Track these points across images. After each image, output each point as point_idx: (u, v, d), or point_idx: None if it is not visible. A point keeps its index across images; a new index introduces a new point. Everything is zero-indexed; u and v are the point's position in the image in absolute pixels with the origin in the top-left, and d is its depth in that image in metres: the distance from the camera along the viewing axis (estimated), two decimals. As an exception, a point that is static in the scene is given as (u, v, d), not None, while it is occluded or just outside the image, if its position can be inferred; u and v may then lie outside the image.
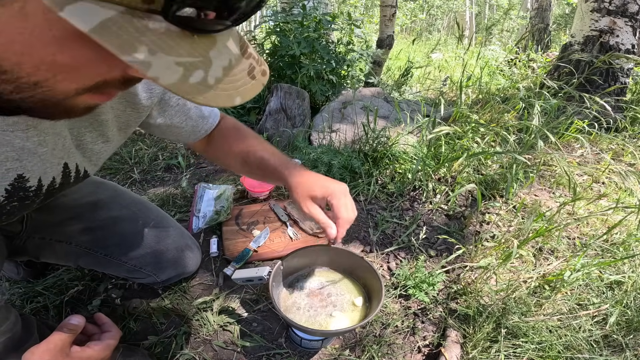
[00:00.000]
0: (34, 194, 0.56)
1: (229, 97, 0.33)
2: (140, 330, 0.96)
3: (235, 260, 1.14)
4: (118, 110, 0.63)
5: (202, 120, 0.80)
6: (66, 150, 0.58)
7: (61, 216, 0.87)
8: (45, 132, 0.51)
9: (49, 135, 0.52)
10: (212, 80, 0.31)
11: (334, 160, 1.57)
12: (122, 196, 0.96)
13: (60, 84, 0.33)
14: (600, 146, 2.03)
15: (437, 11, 16.18)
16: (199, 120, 0.79)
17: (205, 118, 0.81)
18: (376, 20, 5.55)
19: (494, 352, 0.89)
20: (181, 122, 0.76)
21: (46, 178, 0.56)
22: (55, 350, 0.61)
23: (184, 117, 0.75)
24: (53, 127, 0.52)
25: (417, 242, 1.28)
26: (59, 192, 0.63)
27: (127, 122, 0.66)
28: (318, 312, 0.90)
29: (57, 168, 0.58)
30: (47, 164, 0.54)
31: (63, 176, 0.60)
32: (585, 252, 1.16)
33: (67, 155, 0.59)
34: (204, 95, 0.31)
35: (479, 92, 2.33)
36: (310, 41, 2.15)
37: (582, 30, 2.59)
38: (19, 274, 1.07)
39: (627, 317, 0.96)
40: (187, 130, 0.78)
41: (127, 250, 0.91)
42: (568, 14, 11.78)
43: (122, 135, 0.68)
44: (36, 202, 0.59)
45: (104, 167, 1.79)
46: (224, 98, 0.32)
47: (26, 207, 0.59)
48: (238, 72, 0.35)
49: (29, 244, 0.87)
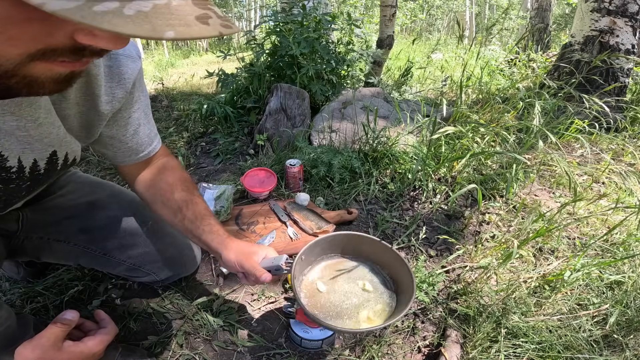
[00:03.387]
0: (16, 176, 0.56)
1: (154, 29, 0.30)
2: (140, 330, 0.96)
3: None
4: (83, 107, 0.63)
5: (148, 139, 0.78)
6: (59, 139, 0.59)
7: (57, 215, 0.87)
8: (26, 118, 0.51)
9: (31, 122, 0.52)
10: (131, 12, 0.29)
11: (334, 160, 1.57)
12: (120, 196, 0.96)
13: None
14: (600, 146, 2.03)
15: (437, 11, 16.17)
16: (145, 140, 0.77)
17: (152, 138, 0.79)
18: (376, 20, 5.55)
19: (494, 352, 0.89)
20: (128, 135, 0.74)
21: (26, 159, 0.56)
22: (47, 344, 0.61)
23: (133, 130, 0.74)
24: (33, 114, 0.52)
25: (417, 242, 1.28)
26: (46, 179, 0.63)
27: (91, 122, 0.66)
28: (342, 305, 0.85)
29: (41, 153, 0.58)
30: (25, 145, 0.54)
31: (48, 162, 0.60)
32: (585, 252, 1.16)
33: (59, 144, 0.60)
34: (111, 22, 0.28)
35: (479, 92, 2.33)
36: (310, 41, 2.14)
37: (582, 30, 2.59)
38: (19, 274, 1.07)
39: (627, 317, 0.96)
40: (131, 147, 0.76)
41: (125, 250, 0.91)
42: (568, 14, 11.78)
43: (85, 133, 0.67)
44: (22, 187, 0.59)
45: (104, 167, 1.79)
46: (147, 29, 0.29)
47: (13, 192, 0.59)
48: (179, 11, 0.32)
49: (27, 244, 0.87)
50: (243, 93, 2.39)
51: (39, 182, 0.62)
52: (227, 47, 7.77)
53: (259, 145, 1.93)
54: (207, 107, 2.31)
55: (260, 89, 2.30)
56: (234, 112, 2.28)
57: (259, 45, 2.38)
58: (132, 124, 0.73)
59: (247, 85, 2.38)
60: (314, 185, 1.59)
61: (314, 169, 1.61)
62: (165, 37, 0.30)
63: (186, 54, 9.21)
